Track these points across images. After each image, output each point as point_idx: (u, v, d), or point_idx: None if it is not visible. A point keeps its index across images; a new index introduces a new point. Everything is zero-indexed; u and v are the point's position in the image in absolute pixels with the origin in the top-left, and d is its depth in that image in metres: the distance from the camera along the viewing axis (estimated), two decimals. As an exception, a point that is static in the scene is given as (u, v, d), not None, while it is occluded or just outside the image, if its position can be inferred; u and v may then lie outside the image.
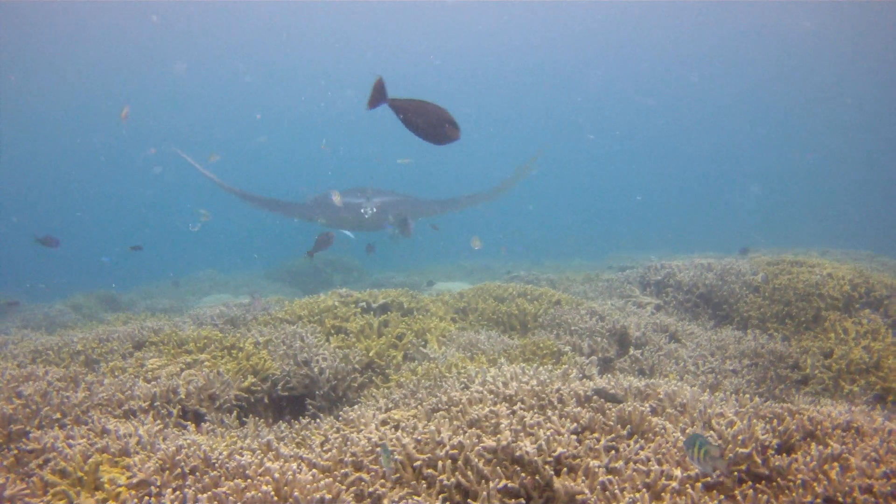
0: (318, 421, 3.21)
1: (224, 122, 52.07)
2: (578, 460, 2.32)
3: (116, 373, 3.87)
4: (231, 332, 4.82)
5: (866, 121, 47.53)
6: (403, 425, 2.73)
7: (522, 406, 2.74)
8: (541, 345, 4.40)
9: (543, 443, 2.33)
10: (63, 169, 54.45)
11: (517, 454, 2.31)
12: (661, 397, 2.92)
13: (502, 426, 2.48)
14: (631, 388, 3.00)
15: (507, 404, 2.77)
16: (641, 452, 2.37)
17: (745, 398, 3.02)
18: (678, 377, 4.19)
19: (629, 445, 2.42)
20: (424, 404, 3.03)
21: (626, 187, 61.08)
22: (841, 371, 4.44)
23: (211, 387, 3.56)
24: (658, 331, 5.14)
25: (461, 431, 2.53)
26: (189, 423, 3.28)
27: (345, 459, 2.43)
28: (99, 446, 2.48)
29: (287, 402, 4.06)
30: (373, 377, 4.21)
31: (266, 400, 3.88)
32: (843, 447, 2.34)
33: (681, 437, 2.48)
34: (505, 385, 2.96)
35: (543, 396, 2.84)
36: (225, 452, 2.47)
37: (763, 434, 2.45)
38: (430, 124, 2.72)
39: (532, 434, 2.43)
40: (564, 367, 3.35)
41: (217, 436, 3.10)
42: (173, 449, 2.40)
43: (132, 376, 3.73)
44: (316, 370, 3.98)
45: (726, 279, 6.25)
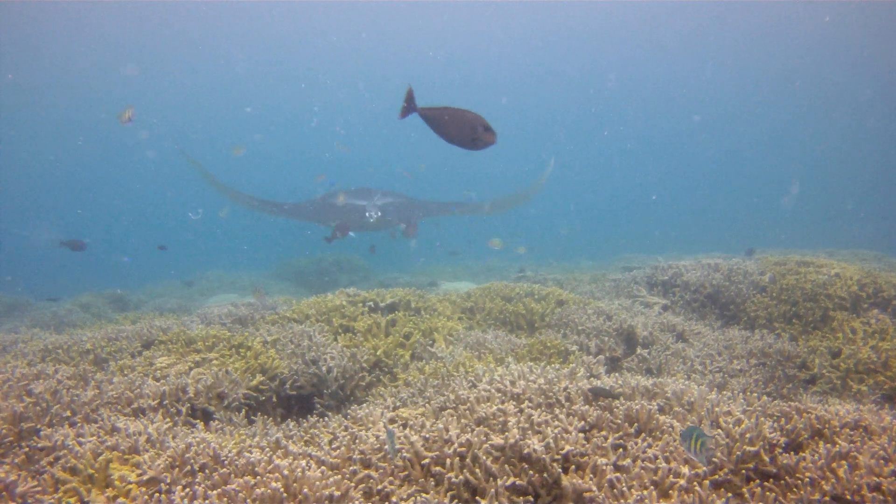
0: (327, 419, 3.22)
1: (224, 122, 52.32)
2: (586, 458, 2.32)
3: (126, 371, 3.90)
4: (239, 332, 4.84)
5: (878, 121, 47.25)
6: (411, 423, 2.74)
7: (530, 404, 2.74)
8: (548, 344, 4.40)
9: (551, 440, 2.33)
10: (67, 169, 54.80)
11: (525, 452, 2.31)
12: (669, 396, 2.92)
13: (510, 424, 2.48)
14: (638, 387, 3.00)
15: (515, 402, 2.78)
16: (649, 450, 2.37)
17: (753, 397, 3.02)
18: (685, 376, 4.19)
19: (637, 443, 2.42)
20: (432, 403, 3.04)
21: (634, 189, 61.06)
22: (849, 370, 4.42)
23: (219, 385, 3.57)
24: (665, 330, 5.14)
25: (469, 429, 2.53)
26: (198, 422, 3.30)
27: (353, 457, 2.44)
28: (109, 444, 2.50)
29: (295, 401, 4.08)
30: (380, 376, 4.22)
31: (274, 399, 3.90)
32: (852, 445, 2.33)
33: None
34: (512, 383, 2.97)
35: (551, 395, 2.84)
36: (234, 450, 2.49)
37: (771, 432, 2.45)
38: (464, 131, 2.67)
39: (540, 432, 2.44)
40: (572, 366, 3.35)
41: (226, 434, 3.12)
42: (183, 446, 2.42)
43: (141, 375, 3.75)
44: (324, 369, 3.99)
45: (733, 279, 6.23)
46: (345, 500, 2.04)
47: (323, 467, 2.35)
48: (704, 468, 2.27)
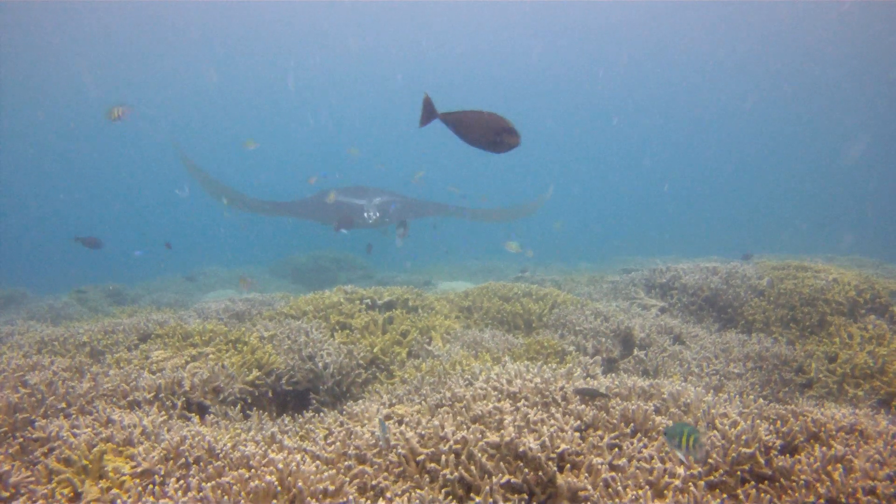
0: (322, 415, 3.21)
1: (232, 122, 52.39)
2: (582, 457, 2.32)
3: (121, 364, 3.89)
4: (236, 327, 4.84)
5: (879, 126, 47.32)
6: (407, 420, 2.73)
7: (526, 403, 2.74)
8: (545, 344, 4.40)
9: (547, 439, 2.33)
10: (66, 166, 54.85)
11: (520, 450, 2.31)
12: (666, 397, 2.92)
13: (506, 422, 2.48)
14: (635, 388, 3.00)
15: (511, 401, 2.78)
16: (645, 450, 2.37)
17: (749, 399, 3.02)
18: (682, 378, 4.18)
19: (633, 443, 2.42)
20: (428, 400, 3.03)
21: (633, 193, 61.11)
22: (845, 375, 4.42)
23: (215, 379, 3.57)
24: (663, 332, 5.13)
25: (465, 427, 2.53)
26: (193, 415, 3.30)
27: (348, 452, 2.43)
28: (104, 436, 2.49)
29: (291, 397, 4.07)
30: (377, 373, 4.22)
31: (270, 394, 3.89)
32: (847, 449, 2.34)
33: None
34: (509, 382, 2.97)
35: (547, 394, 2.84)
36: (229, 444, 2.48)
37: (767, 435, 2.45)
38: (487, 135, 2.62)
39: (535, 430, 2.43)
40: (569, 366, 3.34)
41: (221, 428, 3.11)
42: (178, 439, 2.41)
43: (137, 368, 3.74)
44: (320, 365, 3.99)
45: (731, 283, 6.23)
46: (339, 495, 2.03)
47: (318, 462, 2.34)
48: (699, 469, 2.27)
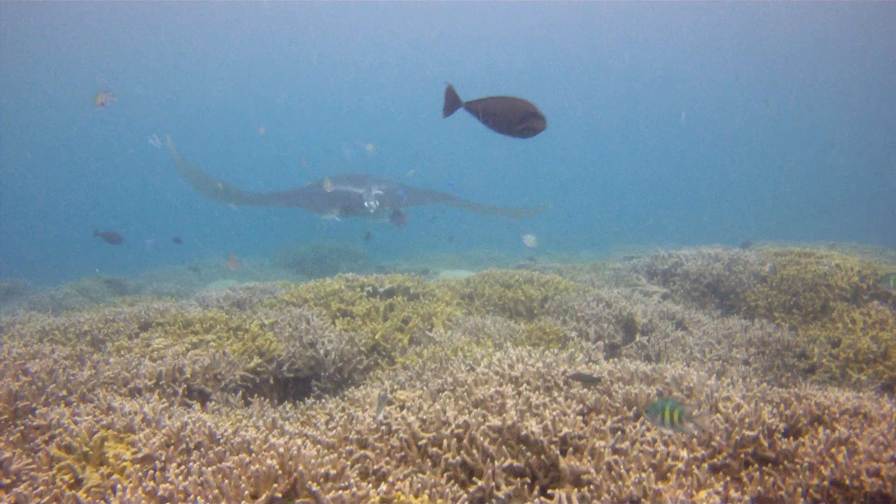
0: (324, 401, 3.21)
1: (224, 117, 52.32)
2: (584, 441, 2.31)
3: (122, 352, 3.88)
4: (237, 315, 4.82)
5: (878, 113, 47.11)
6: (409, 405, 2.72)
7: (528, 387, 2.73)
8: (547, 330, 4.38)
9: (549, 423, 2.32)
10: (68, 157, 54.84)
11: (523, 434, 2.30)
12: (668, 381, 2.90)
13: (508, 406, 2.47)
14: (637, 372, 2.98)
15: (513, 385, 2.76)
16: (648, 433, 2.35)
17: (753, 383, 3.00)
18: (685, 363, 4.17)
19: (635, 427, 2.41)
20: (430, 385, 3.02)
21: (634, 182, 60.96)
22: (848, 360, 4.41)
23: (216, 367, 3.56)
24: (665, 318, 5.12)
25: (466, 411, 2.52)
26: (194, 403, 3.29)
27: (350, 437, 2.43)
28: (104, 423, 2.48)
29: (292, 384, 4.06)
30: (378, 360, 4.21)
31: (271, 381, 3.88)
32: (851, 431, 2.32)
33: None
34: (511, 367, 2.95)
35: (549, 378, 2.82)
36: (230, 429, 2.47)
37: (770, 418, 2.44)
38: (512, 120, 2.57)
39: (538, 414, 2.42)
40: (571, 351, 3.33)
41: (222, 415, 3.11)
42: (178, 425, 2.40)
43: (138, 356, 3.73)
44: (321, 352, 3.98)
45: (734, 269, 6.21)
46: (340, 479, 2.02)
47: (319, 446, 2.33)
48: (703, 452, 2.26)
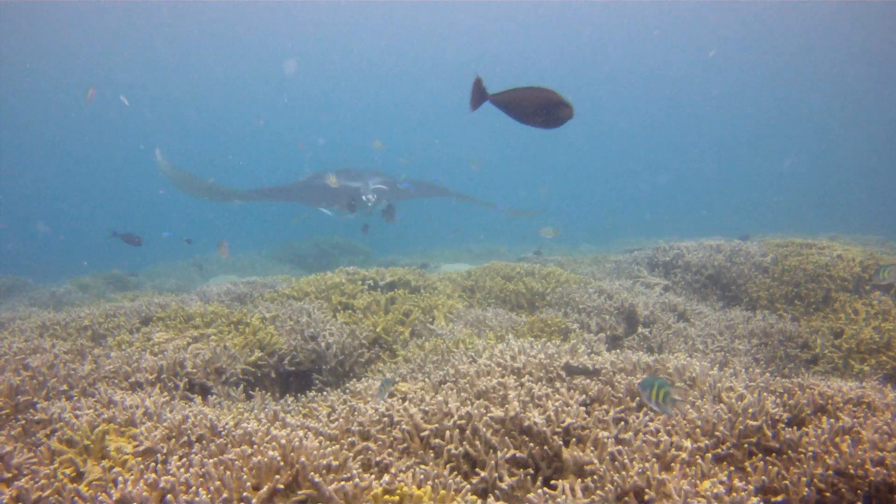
0: (325, 394, 3.20)
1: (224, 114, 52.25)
2: (587, 431, 2.30)
3: (123, 346, 3.87)
4: (238, 308, 4.82)
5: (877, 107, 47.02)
6: (411, 397, 2.71)
7: (531, 378, 2.72)
8: (549, 322, 4.37)
9: (552, 413, 2.31)
10: (67, 157, 54.89)
11: (525, 425, 2.29)
12: (671, 372, 2.90)
13: (510, 397, 2.46)
14: (640, 363, 2.97)
15: (516, 377, 2.76)
16: (651, 424, 2.35)
17: (756, 373, 2.99)
18: (687, 355, 4.16)
19: (639, 417, 2.40)
20: (432, 377, 3.01)
21: (634, 176, 60.87)
22: (851, 350, 4.40)
23: (217, 360, 3.55)
24: (667, 310, 5.10)
25: (469, 402, 2.51)
26: (195, 396, 3.29)
27: (352, 429, 2.42)
28: (106, 416, 2.47)
29: (294, 377, 4.06)
30: (380, 353, 4.20)
31: (273, 374, 3.87)
32: (855, 421, 2.31)
33: (690, 410, 2.46)
34: (513, 358, 2.94)
35: (552, 369, 2.81)
36: (232, 422, 2.46)
37: (773, 408, 2.43)
38: (539, 111, 2.53)
39: (540, 405, 2.41)
40: (573, 342, 3.32)
41: (224, 408, 3.10)
42: (180, 418, 2.39)
43: (139, 350, 3.73)
44: (323, 345, 3.97)
45: (735, 260, 6.19)
46: (342, 471, 2.02)
47: (321, 438, 2.32)
48: (707, 441, 2.25)
